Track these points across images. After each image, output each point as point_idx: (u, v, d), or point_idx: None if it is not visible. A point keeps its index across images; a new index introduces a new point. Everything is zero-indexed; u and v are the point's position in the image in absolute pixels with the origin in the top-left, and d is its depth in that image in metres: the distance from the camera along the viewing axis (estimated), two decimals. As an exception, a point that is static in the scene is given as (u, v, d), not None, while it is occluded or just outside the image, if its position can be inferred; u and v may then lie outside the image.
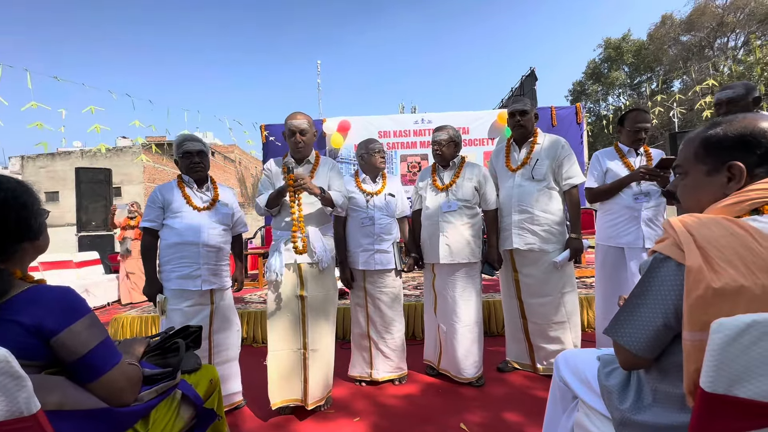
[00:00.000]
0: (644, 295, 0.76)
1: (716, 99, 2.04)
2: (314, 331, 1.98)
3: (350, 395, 2.20)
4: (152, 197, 2.01)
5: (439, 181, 2.31)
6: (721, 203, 0.75)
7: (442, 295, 2.27)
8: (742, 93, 1.94)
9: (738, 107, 1.93)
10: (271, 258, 1.99)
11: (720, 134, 0.79)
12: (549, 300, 2.21)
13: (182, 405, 1.11)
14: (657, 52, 22.06)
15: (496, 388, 2.19)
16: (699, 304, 0.65)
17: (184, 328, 1.29)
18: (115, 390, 0.86)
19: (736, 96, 1.94)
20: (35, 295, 0.82)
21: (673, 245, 0.72)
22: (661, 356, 0.79)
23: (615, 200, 2.25)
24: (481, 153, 6.09)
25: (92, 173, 6.87)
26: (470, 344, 2.21)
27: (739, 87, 1.96)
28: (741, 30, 20.07)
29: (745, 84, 1.97)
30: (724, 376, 0.61)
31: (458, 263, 2.20)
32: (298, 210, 1.96)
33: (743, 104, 1.93)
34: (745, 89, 1.94)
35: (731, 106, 1.95)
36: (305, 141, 1.99)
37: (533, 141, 2.25)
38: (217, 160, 18.88)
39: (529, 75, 8.25)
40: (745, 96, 1.93)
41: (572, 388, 1.15)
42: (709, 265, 0.65)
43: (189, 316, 1.92)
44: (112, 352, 0.88)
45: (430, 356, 2.41)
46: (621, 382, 0.94)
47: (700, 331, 0.65)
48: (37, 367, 0.80)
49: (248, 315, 3.31)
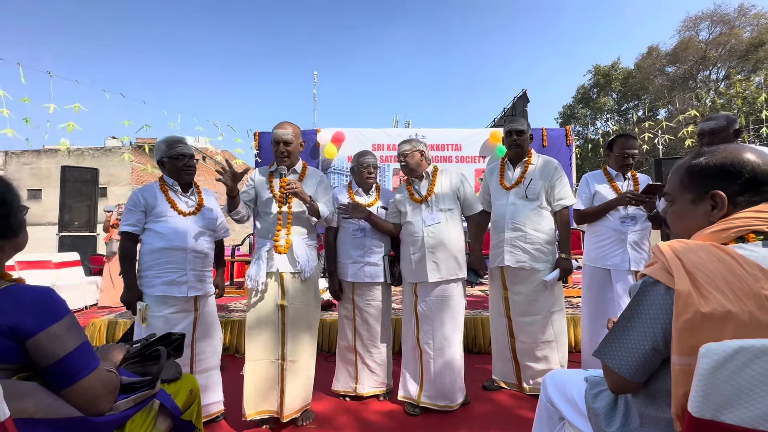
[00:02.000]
0: (633, 319, 0.77)
1: (699, 129, 2.10)
2: (294, 342, 1.94)
3: (333, 410, 2.15)
4: (133, 200, 1.92)
5: (416, 194, 2.18)
6: (708, 230, 0.77)
7: (428, 318, 2.08)
8: (724, 124, 1.99)
9: (719, 138, 1.98)
10: (253, 266, 1.96)
11: (703, 164, 0.82)
12: (537, 319, 2.21)
13: (159, 416, 1.07)
14: (643, 81, 22.89)
15: (482, 407, 2.16)
16: (688, 328, 0.65)
17: (166, 335, 1.25)
18: (90, 397, 0.82)
19: (718, 127, 2.00)
20: (13, 295, 0.78)
21: (662, 269, 0.73)
22: (649, 380, 0.79)
23: (602, 222, 2.30)
24: (473, 170, 6.18)
25: (79, 172, 6.74)
26: (459, 368, 2.09)
27: (721, 119, 2.03)
28: (722, 64, 21.02)
29: (726, 116, 2.04)
30: (712, 401, 0.62)
31: (446, 280, 2.08)
32: (287, 209, 1.95)
33: (724, 135, 1.98)
34: (727, 121, 2.01)
35: (713, 137, 2.01)
36: (289, 150, 1.98)
37: (527, 161, 2.29)
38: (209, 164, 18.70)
39: (521, 96, 8.48)
40: (727, 127, 1.99)
41: (559, 408, 1.15)
42: (697, 290, 0.66)
43: (172, 323, 1.86)
44: (90, 356, 0.85)
45: (408, 391, 2.14)
46: (608, 405, 0.94)
47: (689, 356, 0.65)
48: (9, 370, 0.76)
49: (231, 324, 3.24)
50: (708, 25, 20.94)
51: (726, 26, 20.28)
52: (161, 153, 1.96)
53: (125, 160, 15.38)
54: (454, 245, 2.12)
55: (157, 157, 1.99)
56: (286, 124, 2.00)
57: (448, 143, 6.27)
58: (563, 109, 26.81)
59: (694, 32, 21.36)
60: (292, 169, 2.05)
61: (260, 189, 2.05)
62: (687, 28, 21.50)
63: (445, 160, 6.19)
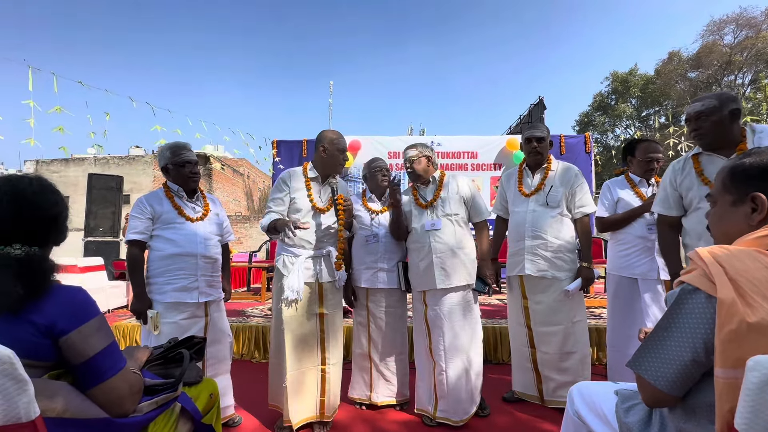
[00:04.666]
0: (671, 328, 0.73)
1: (686, 114, 1.74)
2: (333, 347, 2.03)
3: (350, 418, 2.12)
4: (139, 208, 1.90)
5: (421, 199, 2.16)
6: (752, 235, 0.73)
7: (438, 329, 2.03)
8: (714, 105, 1.61)
9: (710, 122, 1.62)
10: (292, 276, 1.92)
11: (746, 164, 0.78)
12: (560, 329, 2.15)
13: (181, 419, 1.07)
14: (664, 87, 22.35)
15: (502, 419, 2.10)
16: (732, 339, 0.62)
17: (188, 339, 1.26)
18: (116, 397, 0.84)
19: (705, 109, 1.62)
20: (49, 294, 0.81)
21: (702, 276, 0.69)
22: (687, 394, 0.75)
23: (627, 230, 2.23)
24: (488, 178, 6.11)
25: (104, 180, 6.98)
26: (475, 379, 2.03)
27: (710, 99, 1.63)
28: (748, 69, 20.36)
29: (719, 95, 1.64)
30: (762, 419, 0.58)
31: (455, 287, 2.02)
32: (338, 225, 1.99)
33: (716, 119, 1.61)
34: (719, 101, 1.61)
35: (701, 121, 1.65)
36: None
37: (547, 167, 2.24)
38: (227, 173, 19.11)
39: (537, 104, 8.38)
40: (719, 108, 1.60)
41: (587, 422, 1.10)
42: (742, 299, 0.62)
43: (184, 329, 1.86)
44: (118, 357, 0.86)
45: (424, 404, 2.10)
46: (642, 420, 0.89)
47: (734, 368, 0.62)
48: (43, 368, 0.78)
49: (249, 329, 3.25)
50: (733, 29, 20.38)
51: (753, 30, 19.68)
52: (165, 160, 1.94)
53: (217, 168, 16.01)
54: (463, 251, 2.06)
55: (162, 164, 1.96)
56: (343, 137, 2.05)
57: (464, 151, 6.23)
58: (580, 117, 26.40)
59: (718, 36, 20.82)
60: (337, 180, 2.08)
61: (295, 193, 2.01)
62: (711, 32, 20.98)
63: (460, 168, 6.14)
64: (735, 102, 1.62)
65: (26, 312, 0.78)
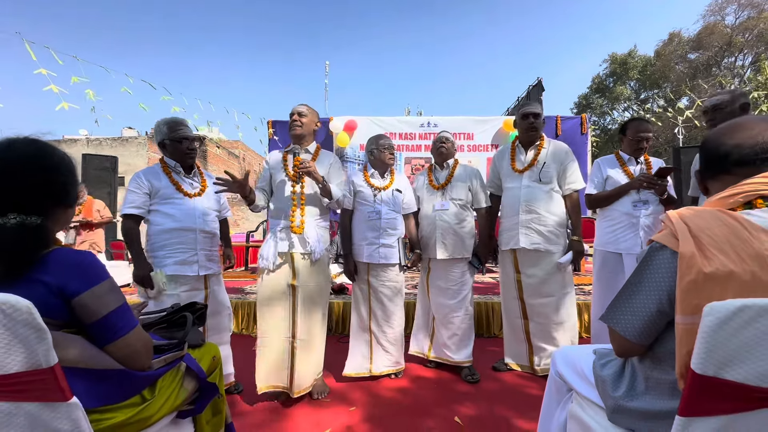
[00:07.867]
0: (640, 283, 0.79)
1: (703, 106, 2.08)
2: (304, 322, 1.99)
3: (347, 386, 2.22)
4: (136, 183, 1.91)
5: (435, 181, 2.44)
6: (716, 196, 0.79)
7: (437, 286, 2.39)
8: (728, 99, 1.95)
9: (723, 113, 1.93)
10: (266, 245, 2.02)
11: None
12: (551, 300, 2.25)
13: (186, 377, 1.14)
14: (664, 68, 22.12)
15: (491, 385, 2.21)
16: (691, 288, 0.68)
17: (191, 304, 1.32)
18: (132, 352, 0.89)
19: (720, 102, 1.96)
20: (60, 257, 0.84)
21: (669, 235, 0.75)
22: (654, 344, 0.82)
23: (614, 207, 2.29)
24: (485, 159, 6.12)
25: (99, 160, 6.93)
26: (467, 330, 2.36)
27: (725, 94, 1.98)
28: (749, 50, 20.16)
29: (731, 91, 1.99)
30: (714, 359, 0.64)
31: (453, 258, 2.33)
32: (300, 189, 2.00)
33: (729, 111, 1.93)
34: (731, 96, 1.95)
35: (716, 112, 1.97)
36: (303, 122, 2.05)
37: (540, 144, 2.29)
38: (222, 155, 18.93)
39: (536, 85, 8.30)
40: (731, 102, 1.94)
41: (568, 380, 1.18)
42: (701, 252, 0.68)
43: (185, 301, 1.89)
44: (130, 316, 0.91)
45: (420, 346, 2.54)
46: (615, 372, 0.97)
47: (692, 315, 0.68)
48: (56, 325, 0.83)
49: (247, 305, 3.34)
50: (735, 9, 20.05)
51: (754, 10, 19.37)
52: (162, 135, 1.95)
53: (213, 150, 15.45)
54: (462, 230, 2.35)
55: (158, 140, 1.97)
56: (302, 104, 2.10)
57: (460, 132, 6.21)
58: (578, 99, 26.16)
59: (719, 17, 20.49)
60: (305, 148, 2.09)
61: (275, 169, 2.10)
62: (712, 12, 20.62)
63: (457, 148, 6.14)
64: (744, 97, 1.95)
65: (36, 272, 0.82)
